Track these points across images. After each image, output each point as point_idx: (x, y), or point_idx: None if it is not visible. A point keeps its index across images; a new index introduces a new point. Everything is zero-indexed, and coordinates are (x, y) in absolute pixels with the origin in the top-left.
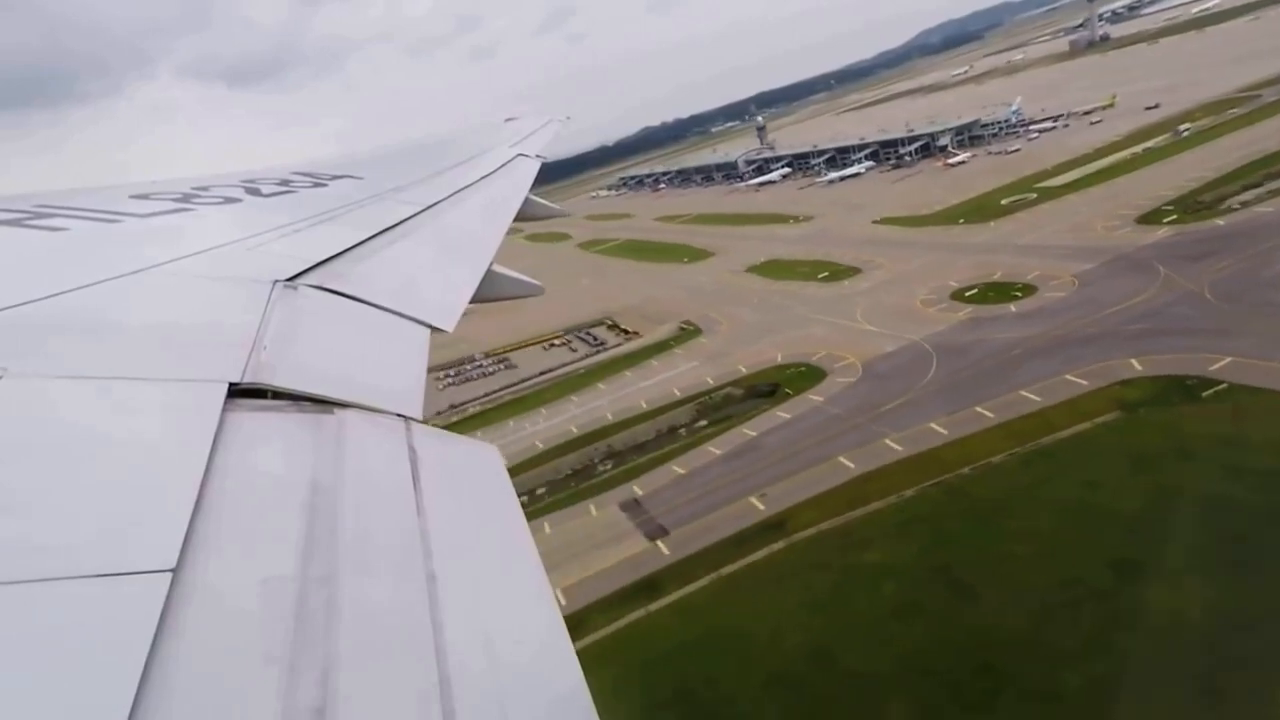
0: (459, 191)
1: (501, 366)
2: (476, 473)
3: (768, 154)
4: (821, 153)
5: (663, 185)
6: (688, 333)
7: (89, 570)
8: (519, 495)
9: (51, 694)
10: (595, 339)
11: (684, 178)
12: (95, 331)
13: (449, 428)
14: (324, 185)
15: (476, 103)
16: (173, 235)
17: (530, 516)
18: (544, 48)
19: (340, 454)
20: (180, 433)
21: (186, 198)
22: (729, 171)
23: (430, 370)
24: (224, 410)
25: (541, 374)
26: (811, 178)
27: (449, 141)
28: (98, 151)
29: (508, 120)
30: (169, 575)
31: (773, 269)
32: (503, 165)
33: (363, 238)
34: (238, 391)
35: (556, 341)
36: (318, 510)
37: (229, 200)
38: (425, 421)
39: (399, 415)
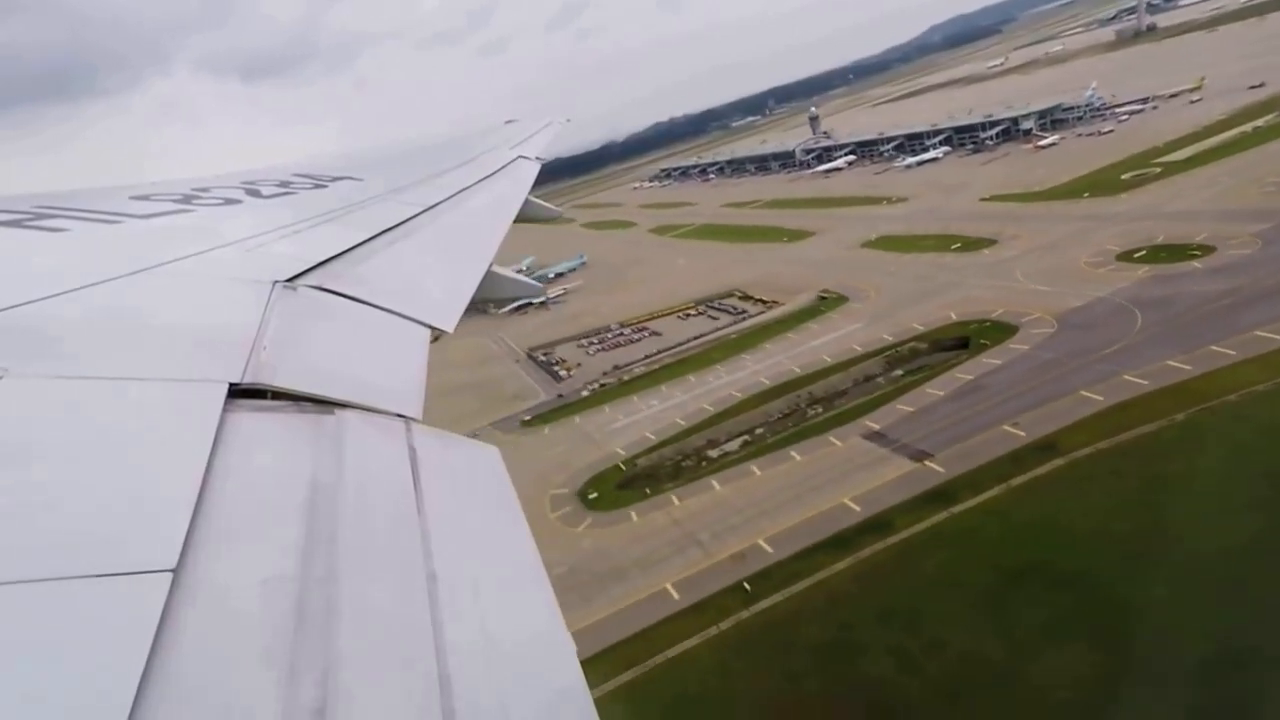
0: (459, 193)
1: (644, 334)
2: (477, 473)
3: (827, 142)
4: (890, 139)
5: (711, 176)
6: (832, 300)
7: (89, 570)
8: (741, 434)
9: (52, 694)
10: (735, 309)
11: (735, 168)
12: (95, 332)
13: (620, 386)
14: (324, 186)
15: (486, 97)
16: (173, 236)
17: (769, 449)
18: (553, 43)
19: (340, 454)
20: (180, 433)
21: (187, 199)
22: (785, 160)
23: (569, 339)
24: (224, 410)
25: (694, 339)
26: (884, 163)
27: (449, 143)
28: (116, 145)
29: (507, 122)
30: (169, 575)
31: (892, 244)
32: (503, 167)
33: (363, 238)
34: (238, 392)
35: (692, 312)
36: (318, 510)
37: (229, 201)
38: (425, 422)
39: (399, 415)
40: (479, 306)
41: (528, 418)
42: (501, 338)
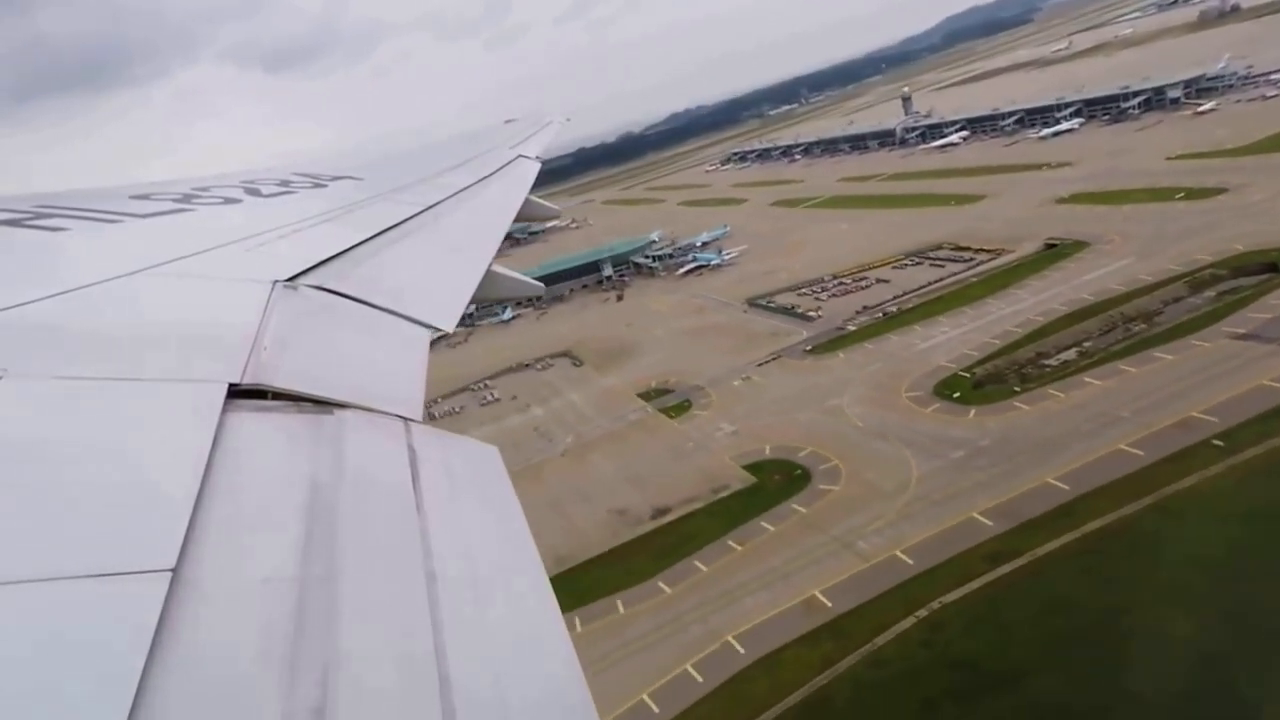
0: (459, 193)
1: (869, 282)
2: (476, 472)
3: (931, 120)
4: (1010, 114)
5: (798, 156)
6: (1071, 245)
7: (89, 570)
8: (1069, 347)
9: (52, 694)
10: (957, 258)
11: (825, 148)
12: (95, 331)
13: (886, 320)
14: (324, 186)
15: (500, 88)
16: (173, 235)
17: (1125, 353)
18: (568, 33)
19: (340, 454)
20: (180, 433)
21: (186, 198)
22: (884, 139)
23: (785, 290)
24: (224, 410)
25: (934, 282)
26: (1006, 137)
27: (449, 143)
28: (144, 134)
29: (507, 122)
30: (169, 575)
31: (1093, 199)
32: (503, 166)
33: (363, 238)
34: (238, 392)
35: (906, 263)
36: (317, 510)
37: (229, 201)
38: (428, 418)
39: (399, 415)
40: (648, 268)
41: (808, 347)
42: (700, 293)
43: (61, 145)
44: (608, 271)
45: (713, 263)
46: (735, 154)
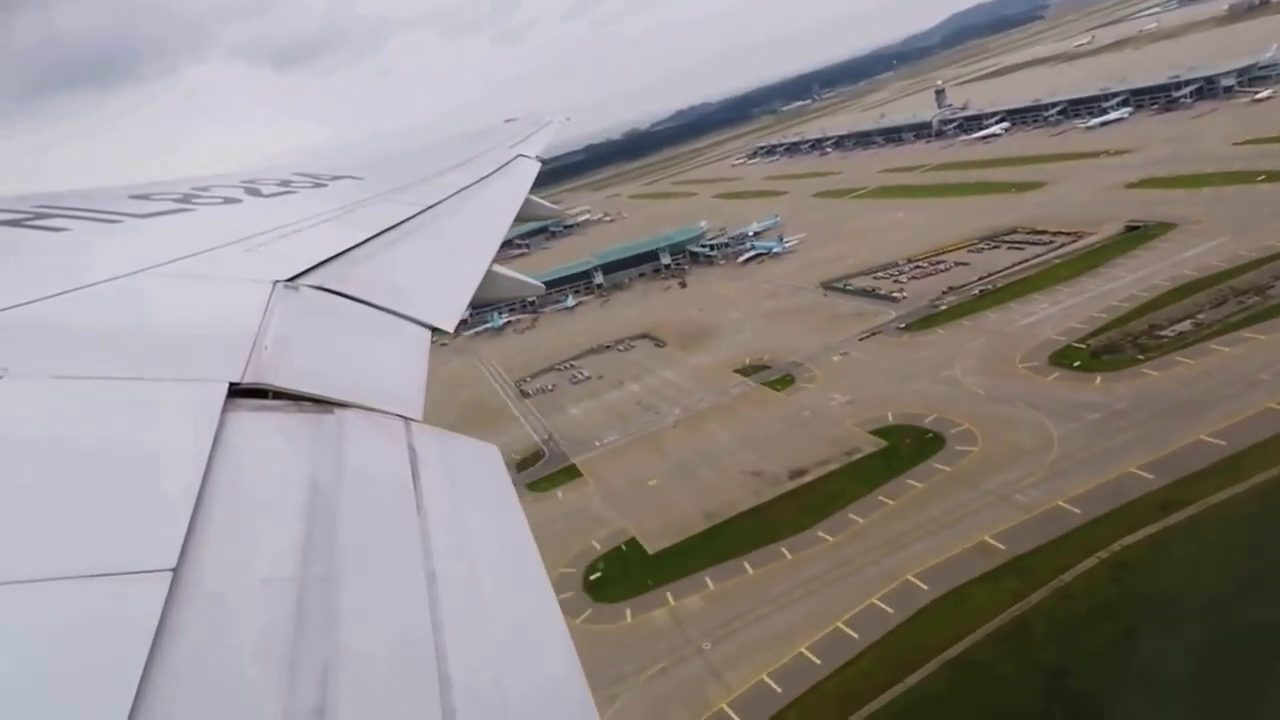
0: (459, 193)
1: (946, 265)
2: (476, 472)
3: (967, 112)
4: (1053, 104)
5: (829, 149)
6: (1156, 227)
7: (89, 570)
8: (1183, 319)
9: (52, 693)
10: (1036, 241)
11: (857, 140)
12: (95, 331)
13: (978, 299)
14: (324, 186)
15: (503, 85)
16: (173, 235)
17: (1253, 320)
18: (572, 30)
19: (340, 454)
20: (180, 432)
21: (186, 198)
22: (919, 131)
23: (859, 274)
24: (224, 410)
25: (1018, 264)
26: (1050, 127)
27: (448, 143)
28: (152, 131)
29: (507, 121)
30: (169, 575)
31: (1165, 183)
32: (502, 166)
33: (363, 238)
34: (238, 391)
35: (981, 247)
36: (317, 510)
37: (229, 201)
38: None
39: (399, 415)
40: (705, 256)
41: (902, 325)
42: (765, 279)
43: (70, 142)
44: (666, 260)
45: (774, 250)
46: (762, 148)
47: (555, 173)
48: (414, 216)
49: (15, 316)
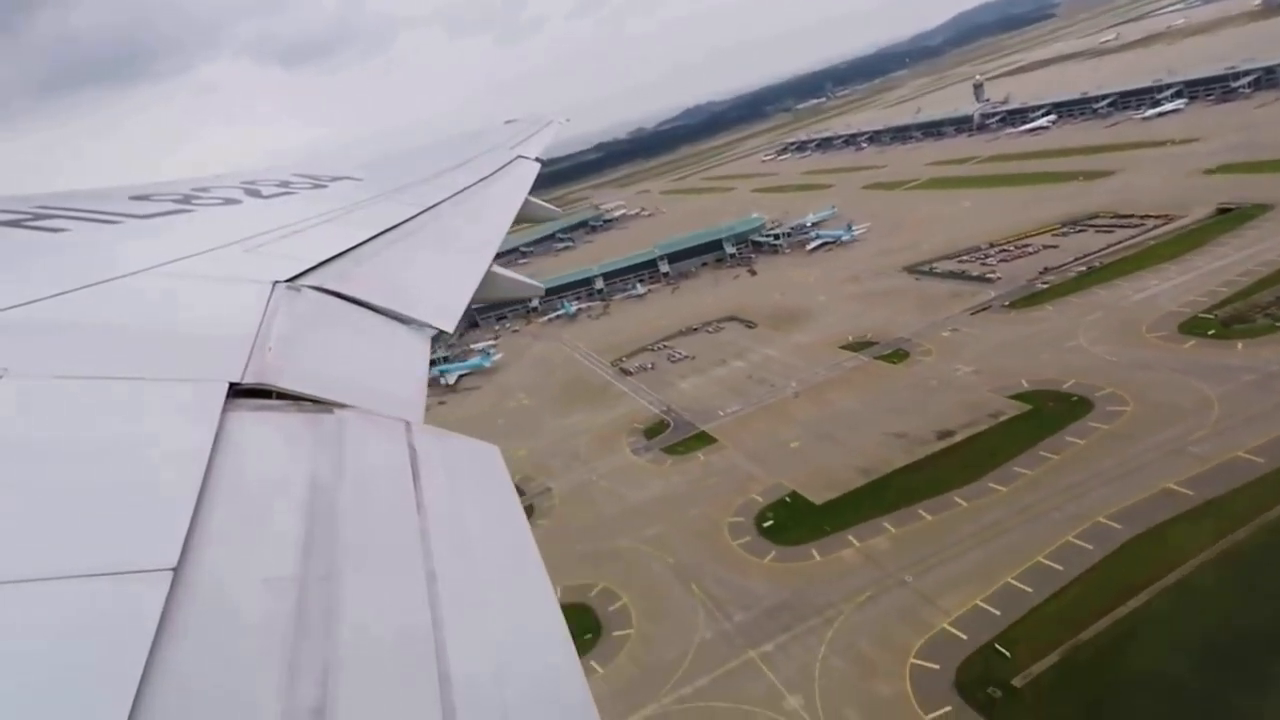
0: (458, 193)
1: (1033, 248)
2: (477, 472)
3: (1009, 105)
4: (1102, 97)
5: (864, 145)
6: (1253, 209)
7: (89, 570)
8: None
9: (53, 693)
10: (1125, 224)
11: (894, 135)
12: (95, 331)
13: (1080, 278)
14: (324, 186)
15: (502, 85)
16: (173, 236)
17: None
18: (576, 29)
19: (340, 454)
20: (181, 432)
21: (186, 199)
22: (960, 125)
23: (942, 258)
24: (224, 410)
25: (1112, 246)
26: (1106, 119)
27: (448, 143)
28: (165, 129)
29: (507, 122)
30: (170, 574)
31: (1245, 169)
32: (502, 167)
33: (362, 239)
34: (238, 392)
35: (1067, 230)
36: (318, 510)
37: (229, 201)
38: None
39: (399, 415)
40: (769, 245)
41: (1006, 302)
42: (840, 266)
43: (87, 139)
44: (731, 249)
45: (842, 239)
46: (791, 144)
47: (569, 171)
48: (414, 217)
49: (15, 316)
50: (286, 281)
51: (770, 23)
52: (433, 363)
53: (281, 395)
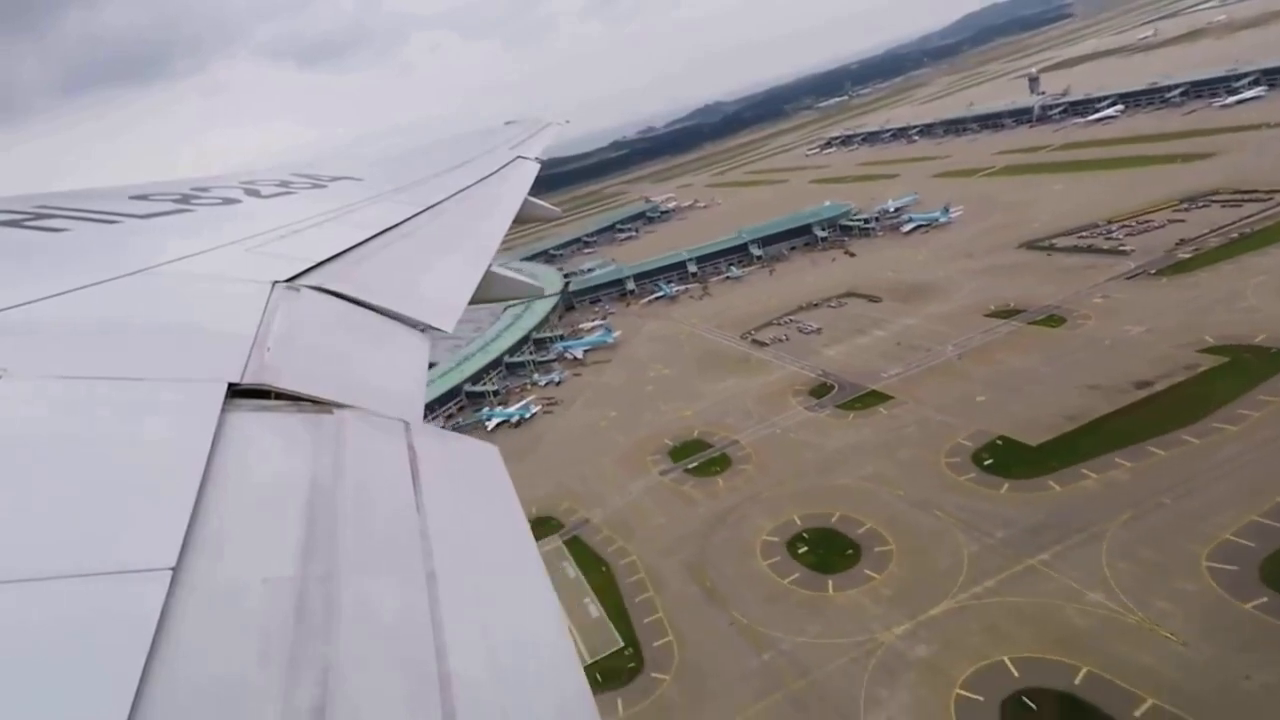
0: (458, 193)
1: (1158, 224)
2: (476, 472)
3: (1072, 97)
4: (1173, 86)
5: (916, 138)
6: None
7: (89, 569)
8: None
9: (53, 692)
10: (1255, 198)
11: (948, 128)
12: (95, 331)
13: (1222, 248)
14: (323, 187)
15: (509, 85)
16: (172, 236)
17: None
18: (583, 30)
19: (339, 454)
20: (180, 432)
21: (186, 199)
22: (1019, 117)
23: (1060, 234)
24: (223, 410)
25: (1245, 219)
26: (1180, 108)
27: (448, 144)
28: (183, 128)
29: (507, 123)
30: (169, 574)
31: None
32: (502, 168)
33: (362, 239)
34: (237, 392)
35: (1185, 207)
36: (317, 510)
37: (228, 201)
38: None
39: (399, 415)
40: (860, 229)
41: (1152, 271)
42: (944, 245)
43: (102, 140)
44: (823, 233)
45: (940, 220)
46: (836, 138)
47: (595, 168)
48: (413, 217)
49: (15, 316)
50: (286, 281)
51: (771, 25)
52: (554, 339)
53: (281, 395)
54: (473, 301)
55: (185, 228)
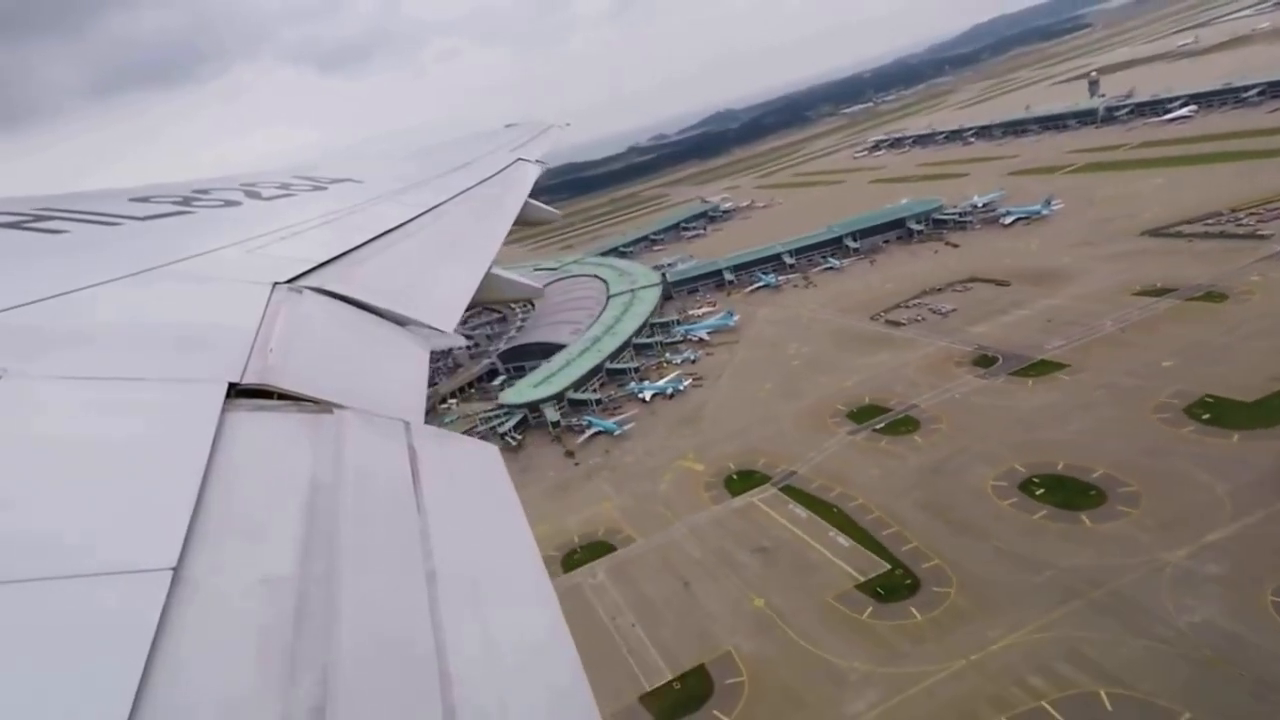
0: (458, 195)
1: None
2: (476, 472)
3: (1138, 98)
4: (1250, 86)
5: (971, 139)
6: None
7: (90, 569)
8: None
9: (53, 692)
10: None
11: (1007, 129)
12: (95, 332)
13: None
14: (324, 188)
15: (512, 86)
16: (172, 237)
17: None
18: (591, 33)
19: (339, 454)
20: (180, 432)
21: (186, 200)
22: (1083, 118)
23: (1183, 222)
24: (223, 410)
25: None
26: (1261, 107)
27: (449, 146)
28: (204, 131)
29: (508, 126)
30: (169, 574)
31: None
32: (503, 169)
33: (362, 240)
34: (238, 392)
35: None
36: (317, 509)
37: (229, 203)
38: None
39: (399, 415)
40: (955, 223)
41: None
42: (1053, 235)
43: (128, 142)
44: (919, 226)
45: (1041, 213)
46: (884, 140)
47: (623, 172)
48: (414, 219)
49: (15, 317)
50: (286, 282)
51: (776, 33)
52: (673, 323)
53: (281, 395)
54: (473, 303)
55: (186, 229)
